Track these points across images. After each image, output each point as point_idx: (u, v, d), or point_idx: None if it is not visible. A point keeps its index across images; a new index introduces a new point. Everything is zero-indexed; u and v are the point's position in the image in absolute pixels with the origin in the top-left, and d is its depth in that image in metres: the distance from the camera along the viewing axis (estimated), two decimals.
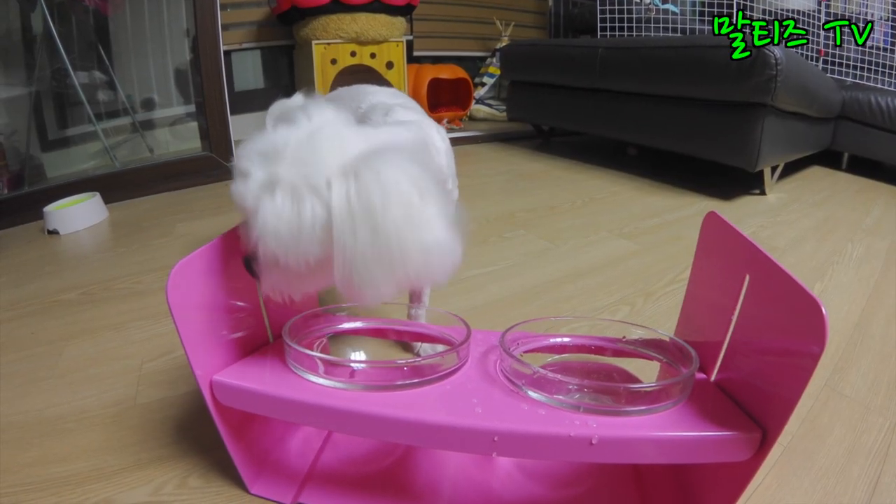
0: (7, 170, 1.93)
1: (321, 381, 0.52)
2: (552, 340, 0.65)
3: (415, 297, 0.83)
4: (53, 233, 1.61)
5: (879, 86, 2.46)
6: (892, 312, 1.06)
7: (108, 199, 1.82)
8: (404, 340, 0.77)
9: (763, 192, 1.95)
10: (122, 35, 2.41)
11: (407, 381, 0.50)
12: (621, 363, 0.67)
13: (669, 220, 1.64)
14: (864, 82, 2.50)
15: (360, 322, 0.67)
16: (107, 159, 2.15)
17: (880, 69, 2.50)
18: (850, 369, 0.87)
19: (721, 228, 0.62)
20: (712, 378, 0.60)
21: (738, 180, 2.03)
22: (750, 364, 0.53)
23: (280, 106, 1.14)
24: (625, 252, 1.36)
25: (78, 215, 1.67)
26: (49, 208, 1.65)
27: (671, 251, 1.36)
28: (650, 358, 0.64)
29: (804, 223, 1.62)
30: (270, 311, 0.64)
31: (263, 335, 0.64)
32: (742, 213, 1.71)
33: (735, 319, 0.56)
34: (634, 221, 1.61)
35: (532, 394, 0.50)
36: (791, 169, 2.28)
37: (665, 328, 0.95)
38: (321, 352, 0.62)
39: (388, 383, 0.50)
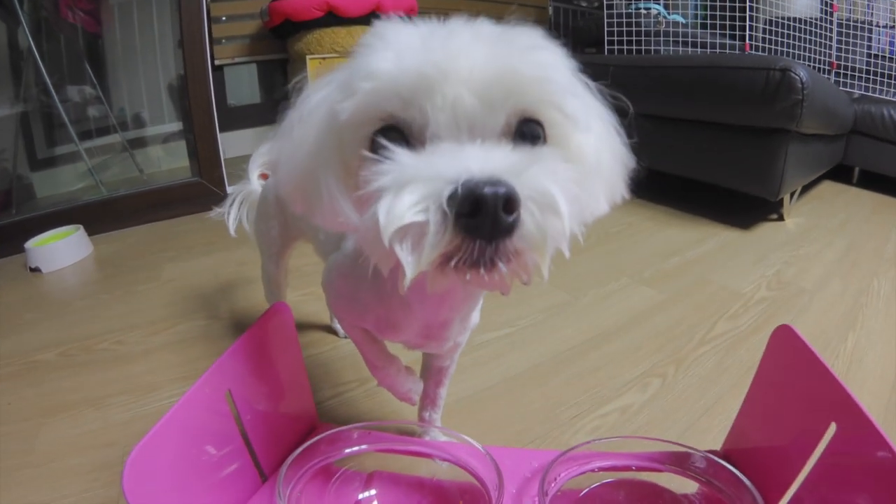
0: None
1: None
2: (597, 464, 0.57)
3: (428, 399, 0.73)
4: (35, 270, 1.52)
5: (890, 98, 2.38)
6: None
7: (93, 230, 1.74)
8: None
9: (781, 218, 1.87)
10: (112, 52, 2.35)
11: None
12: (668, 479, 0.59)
13: (691, 258, 1.55)
14: (872, 94, 2.42)
15: (366, 444, 0.58)
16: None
17: (886, 79, 2.43)
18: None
19: (796, 350, 0.53)
20: None
21: (754, 204, 1.95)
22: None
23: (266, 151, 1.01)
24: (649, 304, 1.27)
25: (61, 252, 1.59)
26: (30, 244, 1.57)
27: (697, 300, 1.28)
28: (703, 485, 0.56)
29: (827, 255, 1.56)
30: (259, 445, 0.55)
31: (253, 475, 0.55)
32: (764, 247, 1.64)
33: (812, 466, 0.48)
34: (655, 262, 1.52)
35: None
36: (804, 186, 2.20)
37: (699, 404, 0.89)
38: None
39: None
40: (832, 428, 0.47)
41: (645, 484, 0.59)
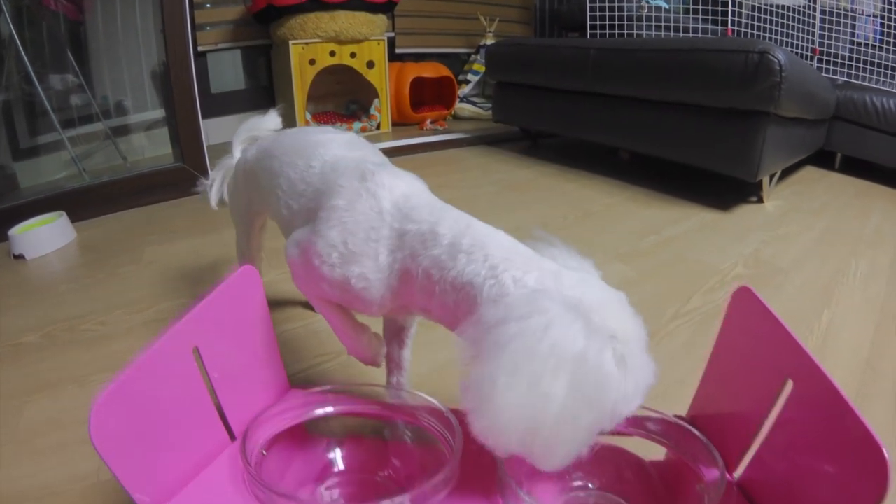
0: None
1: None
2: None
3: (394, 363, 0.73)
4: (19, 257, 1.52)
5: (873, 85, 2.40)
6: None
7: (77, 217, 1.73)
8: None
9: (760, 200, 1.90)
10: (94, 40, 2.32)
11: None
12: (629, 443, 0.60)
13: (667, 236, 1.57)
14: (856, 81, 2.44)
15: (331, 406, 0.59)
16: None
17: (871, 67, 2.45)
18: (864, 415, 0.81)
19: (755, 311, 0.54)
20: (736, 475, 0.54)
21: (734, 186, 1.97)
22: (783, 476, 0.47)
23: (251, 126, 0.99)
24: (623, 281, 1.27)
25: (44, 238, 1.58)
26: (13, 232, 1.56)
27: (671, 278, 1.30)
28: (667, 447, 0.58)
29: (805, 237, 1.58)
30: (227, 405, 0.56)
31: (221, 433, 0.56)
32: (742, 227, 1.66)
33: (771, 424, 0.50)
34: (632, 240, 1.53)
35: None
36: (785, 171, 2.22)
37: (670, 377, 0.90)
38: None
39: None
40: (789, 385, 0.48)
41: (610, 448, 0.60)
